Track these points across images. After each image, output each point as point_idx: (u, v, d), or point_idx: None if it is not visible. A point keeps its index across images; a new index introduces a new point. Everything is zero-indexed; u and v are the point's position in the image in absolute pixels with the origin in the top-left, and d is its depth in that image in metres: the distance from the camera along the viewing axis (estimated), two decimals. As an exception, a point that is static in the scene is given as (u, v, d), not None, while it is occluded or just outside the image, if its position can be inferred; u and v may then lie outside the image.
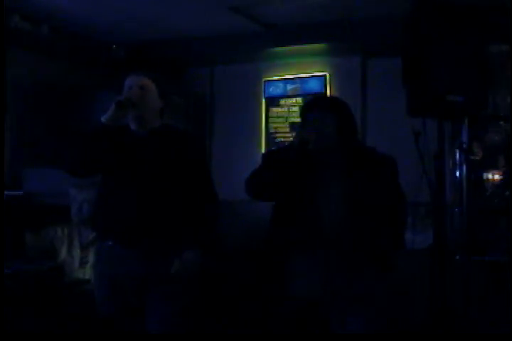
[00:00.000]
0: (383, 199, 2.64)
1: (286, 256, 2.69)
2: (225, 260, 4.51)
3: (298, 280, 2.66)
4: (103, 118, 2.64)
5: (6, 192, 4.08)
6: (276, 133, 5.52)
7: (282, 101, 5.51)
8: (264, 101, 5.58)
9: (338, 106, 2.72)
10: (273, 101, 5.56)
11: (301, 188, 2.65)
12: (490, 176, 4.47)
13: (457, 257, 4.23)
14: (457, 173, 4.44)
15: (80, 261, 4.28)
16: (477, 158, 4.48)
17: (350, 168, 2.66)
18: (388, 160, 2.73)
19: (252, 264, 4.38)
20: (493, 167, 4.49)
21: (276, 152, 2.83)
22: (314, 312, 2.66)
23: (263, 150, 5.51)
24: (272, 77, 5.56)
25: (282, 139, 5.47)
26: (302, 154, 2.61)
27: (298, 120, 5.38)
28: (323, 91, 5.30)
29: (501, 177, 4.44)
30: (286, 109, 5.49)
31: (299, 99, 5.44)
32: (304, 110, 2.77)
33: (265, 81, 5.58)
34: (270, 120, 5.55)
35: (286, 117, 5.49)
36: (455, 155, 4.45)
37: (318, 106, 2.74)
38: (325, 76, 5.34)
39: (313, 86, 5.38)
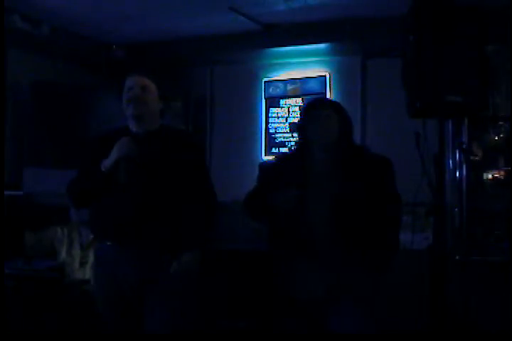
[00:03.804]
0: (377, 200, 2.65)
1: (284, 256, 2.70)
2: (224, 261, 4.51)
3: (296, 281, 2.67)
4: (103, 168, 2.66)
5: (6, 192, 4.08)
6: (276, 133, 5.51)
7: (282, 102, 5.51)
8: (264, 101, 5.58)
9: (340, 108, 2.78)
10: (273, 101, 5.55)
11: (299, 189, 2.66)
12: (490, 176, 4.47)
13: (457, 257, 4.23)
14: (457, 173, 4.44)
15: (79, 261, 4.28)
16: (477, 158, 4.47)
17: (346, 168, 2.68)
18: (383, 161, 2.74)
19: (250, 265, 4.39)
20: (493, 167, 4.48)
21: (271, 168, 2.87)
22: (312, 313, 2.67)
23: (263, 151, 5.52)
24: (271, 77, 5.57)
25: (282, 139, 5.48)
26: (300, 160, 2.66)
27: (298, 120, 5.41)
28: (323, 92, 5.30)
29: (501, 177, 4.44)
30: (286, 110, 5.49)
31: (299, 100, 5.44)
32: (308, 108, 2.81)
33: (265, 81, 5.57)
34: (270, 120, 5.55)
35: (287, 117, 5.49)
36: (455, 156, 4.45)
37: (323, 104, 2.80)
38: (325, 76, 5.34)
39: (313, 86, 5.38)
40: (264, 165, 3.02)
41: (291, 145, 5.35)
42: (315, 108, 2.77)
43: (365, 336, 2.61)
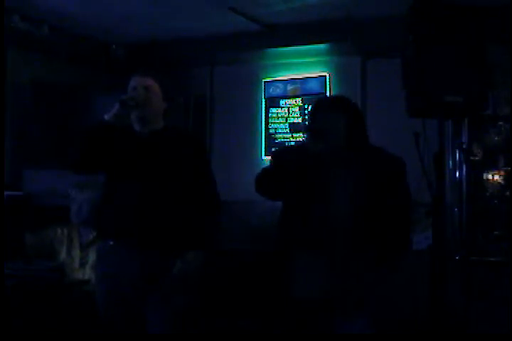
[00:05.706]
0: (389, 200, 2.64)
1: (291, 256, 2.70)
2: (225, 261, 4.51)
3: (301, 281, 2.66)
4: (106, 116, 2.65)
5: (6, 193, 4.08)
6: (277, 133, 5.51)
7: (282, 102, 5.51)
8: (264, 101, 5.58)
9: (347, 107, 2.73)
10: (273, 101, 5.55)
11: (310, 189, 2.66)
12: (490, 176, 4.47)
13: (457, 257, 4.23)
14: (457, 173, 4.44)
15: (79, 261, 4.28)
16: (477, 158, 4.47)
17: (357, 168, 2.66)
18: (396, 160, 2.73)
19: (252, 265, 4.39)
20: (493, 167, 4.48)
21: (287, 152, 2.84)
22: (317, 313, 2.66)
23: (263, 151, 5.52)
24: (271, 77, 5.57)
25: (282, 139, 5.48)
26: (313, 157, 2.64)
27: (298, 120, 5.42)
28: (323, 92, 5.30)
29: (501, 177, 4.44)
30: (286, 110, 5.49)
31: (299, 100, 5.44)
32: (313, 112, 2.75)
33: (265, 81, 5.57)
34: (270, 120, 5.55)
35: (287, 117, 5.49)
36: (455, 156, 4.45)
37: (327, 107, 2.73)
38: (325, 76, 5.34)
39: (313, 86, 5.38)
40: (278, 151, 3.01)
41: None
42: (319, 112, 2.72)
43: (365, 336, 2.61)
